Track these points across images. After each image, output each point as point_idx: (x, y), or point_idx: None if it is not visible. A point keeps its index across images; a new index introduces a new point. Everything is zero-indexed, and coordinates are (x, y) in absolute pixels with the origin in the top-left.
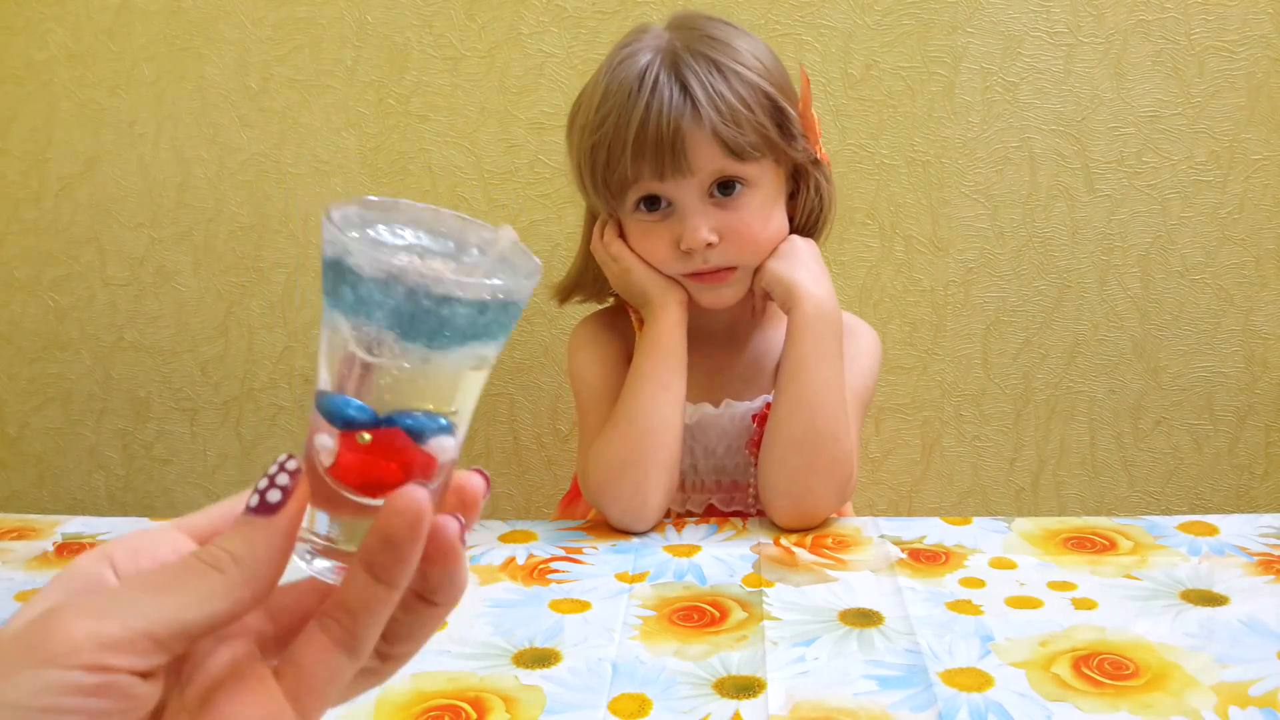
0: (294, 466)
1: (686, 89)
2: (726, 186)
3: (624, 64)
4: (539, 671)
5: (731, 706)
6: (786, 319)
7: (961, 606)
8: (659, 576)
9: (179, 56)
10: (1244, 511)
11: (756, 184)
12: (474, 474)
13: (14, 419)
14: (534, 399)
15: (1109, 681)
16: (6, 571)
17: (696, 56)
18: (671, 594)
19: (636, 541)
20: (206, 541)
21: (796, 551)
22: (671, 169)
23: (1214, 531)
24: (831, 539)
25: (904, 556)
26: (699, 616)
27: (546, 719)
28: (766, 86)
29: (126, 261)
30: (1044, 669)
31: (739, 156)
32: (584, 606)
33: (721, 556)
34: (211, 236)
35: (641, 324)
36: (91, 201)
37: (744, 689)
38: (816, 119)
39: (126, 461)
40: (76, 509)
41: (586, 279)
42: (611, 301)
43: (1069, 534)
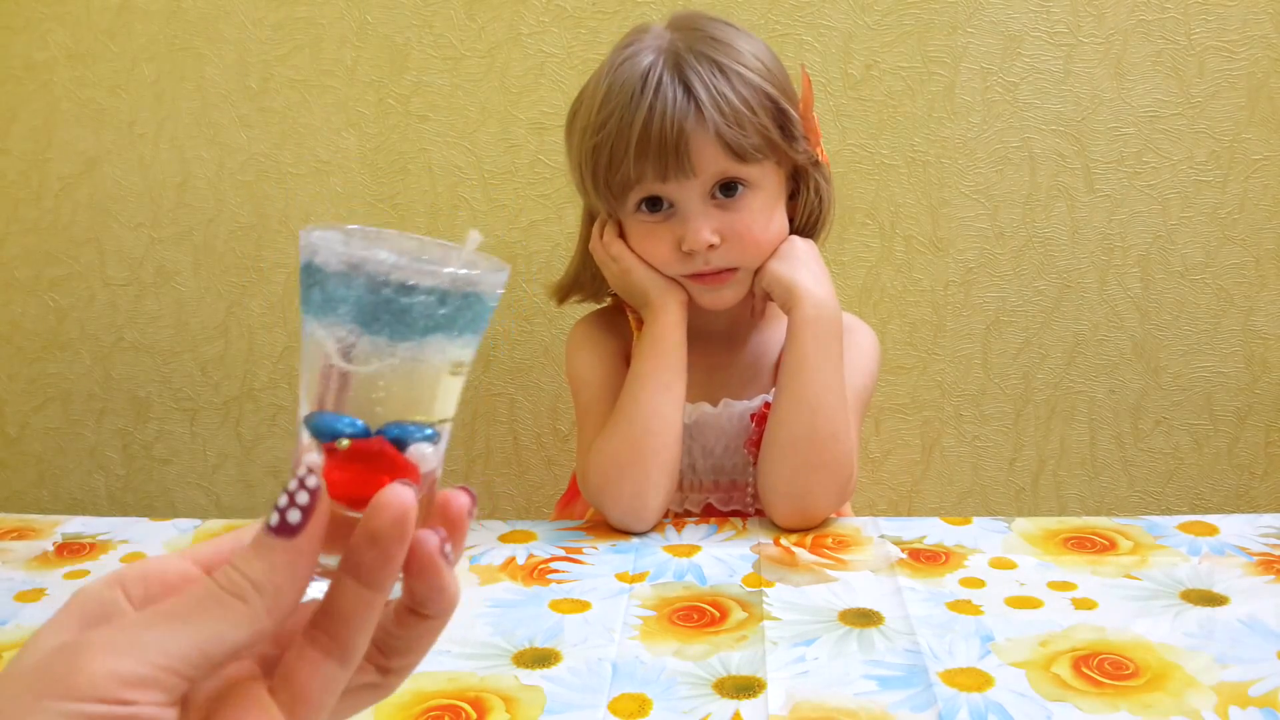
0: (314, 484)
1: (690, 90)
2: (728, 188)
3: (626, 64)
4: (539, 671)
5: (731, 706)
6: (785, 318)
7: (961, 606)
8: (659, 576)
9: (179, 56)
10: (1244, 511)
11: (758, 185)
12: (460, 492)
13: (14, 419)
14: (534, 399)
15: (1109, 681)
16: (6, 571)
17: (699, 58)
18: (671, 594)
19: (636, 541)
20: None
21: (796, 551)
22: (674, 170)
23: (1214, 531)
24: (831, 539)
25: (904, 556)
26: (699, 616)
27: (546, 719)
28: (769, 88)
29: (126, 261)
30: (1044, 669)
31: (741, 158)
32: (584, 606)
33: (721, 556)
34: (211, 236)
35: (639, 324)
36: (91, 201)
37: (744, 689)
38: (817, 120)
39: (126, 461)
40: (76, 509)
41: (585, 278)
42: (609, 301)
43: (1069, 534)
